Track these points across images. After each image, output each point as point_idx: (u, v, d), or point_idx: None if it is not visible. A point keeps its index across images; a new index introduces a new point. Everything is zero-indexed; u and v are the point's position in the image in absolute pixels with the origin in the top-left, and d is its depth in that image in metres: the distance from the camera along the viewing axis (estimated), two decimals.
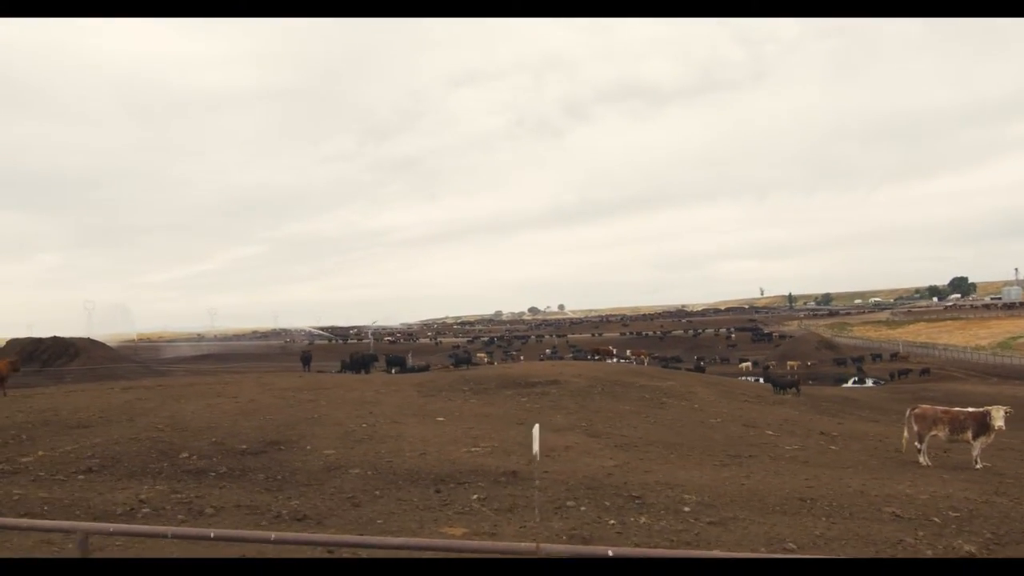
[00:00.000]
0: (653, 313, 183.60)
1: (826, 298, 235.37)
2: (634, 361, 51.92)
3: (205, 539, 3.53)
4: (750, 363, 62.16)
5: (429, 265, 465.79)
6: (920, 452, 13.09)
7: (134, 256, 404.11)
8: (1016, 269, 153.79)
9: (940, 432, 13.00)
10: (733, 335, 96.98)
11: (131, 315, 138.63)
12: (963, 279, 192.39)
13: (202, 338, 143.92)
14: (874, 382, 51.10)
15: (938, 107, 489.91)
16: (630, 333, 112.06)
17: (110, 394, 19.57)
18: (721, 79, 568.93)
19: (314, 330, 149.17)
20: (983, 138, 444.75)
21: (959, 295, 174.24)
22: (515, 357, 67.98)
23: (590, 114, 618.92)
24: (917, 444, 13.21)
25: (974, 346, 67.36)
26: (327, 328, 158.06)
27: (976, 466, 12.51)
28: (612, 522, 7.99)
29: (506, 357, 69.06)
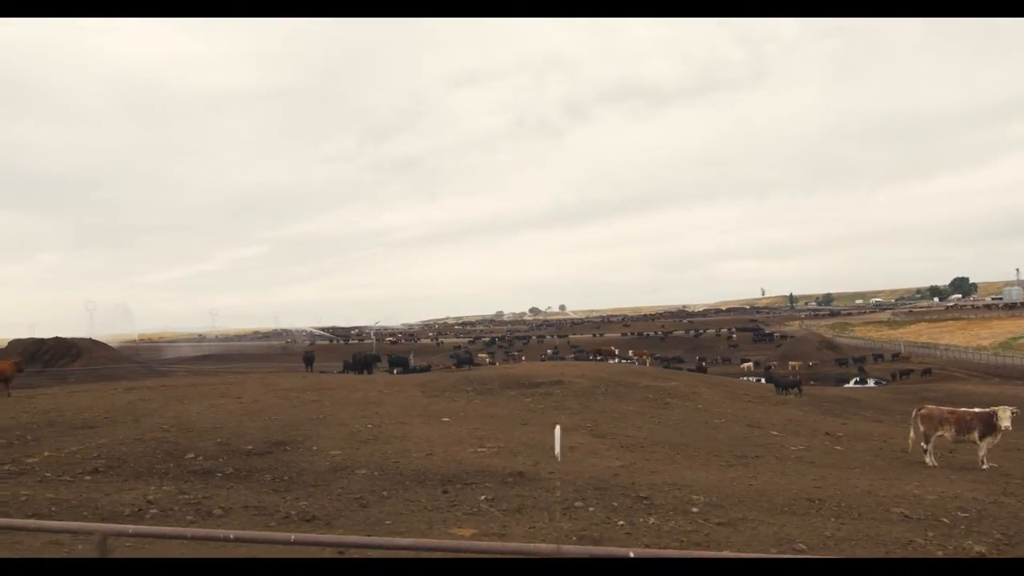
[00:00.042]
0: (654, 313, 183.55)
1: (827, 298, 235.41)
2: (636, 361, 51.95)
3: (225, 540, 3.51)
4: (752, 363, 62.23)
5: (429, 265, 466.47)
6: (926, 452, 13.08)
7: (134, 256, 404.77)
8: (1017, 269, 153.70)
9: (946, 433, 13.00)
10: (734, 335, 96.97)
11: (132, 315, 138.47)
12: (964, 279, 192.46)
13: (203, 338, 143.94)
14: (876, 382, 51.10)
15: (938, 107, 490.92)
16: (631, 333, 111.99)
17: (114, 394, 19.57)
18: (721, 79, 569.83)
19: (315, 330, 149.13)
20: (983, 138, 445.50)
21: (960, 295, 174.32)
22: (516, 358, 67.94)
23: (590, 114, 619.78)
24: (923, 444, 13.19)
25: (975, 346, 67.32)
26: (328, 328, 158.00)
27: (982, 466, 12.51)
28: (621, 523, 7.97)
29: (507, 358, 69.00)
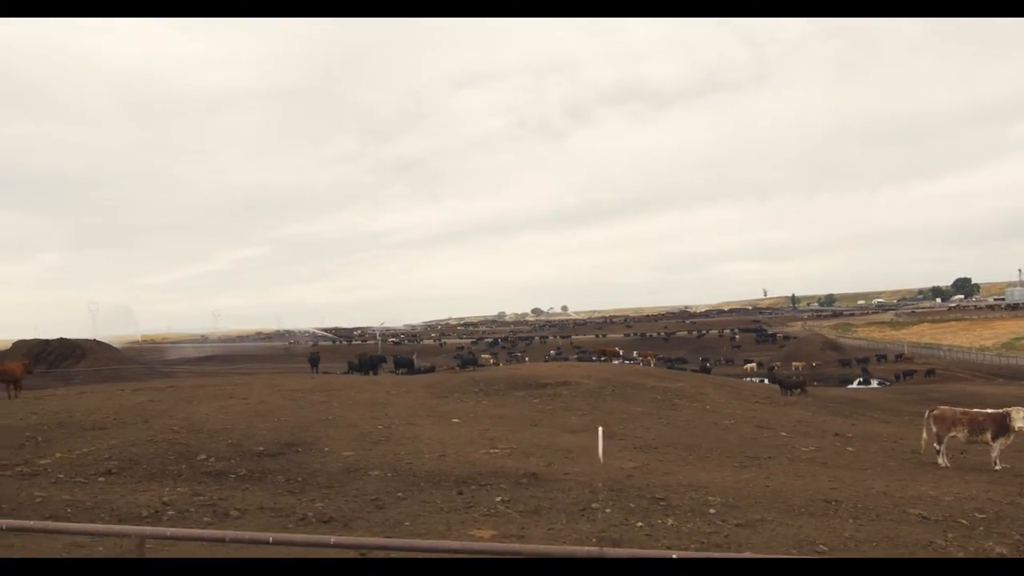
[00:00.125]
0: (656, 314, 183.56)
1: (829, 299, 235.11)
2: (640, 362, 51.97)
3: (264, 543, 3.50)
4: (755, 364, 62.22)
5: (431, 266, 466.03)
6: (939, 453, 13.05)
7: (135, 256, 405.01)
8: (1020, 270, 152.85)
9: (959, 433, 12.97)
10: (737, 336, 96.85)
11: (134, 316, 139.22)
12: (966, 280, 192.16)
13: (206, 339, 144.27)
14: (879, 383, 51.00)
15: (939, 108, 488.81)
16: (634, 334, 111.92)
17: (122, 395, 19.57)
18: (723, 81, 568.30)
19: (318, 331, 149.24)
20: (985, 139, 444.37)
21: (963, 296, 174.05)
22: (520, 358, 67.89)
23: (592, 116, 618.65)
24: (936, 445, 13.16)
25: (979, 347, 67.16)
26: (331, 329, 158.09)
27: (995, 467, 12.47)
28: (639, 524, 7.95)
29: (511, 358, 68.91)
